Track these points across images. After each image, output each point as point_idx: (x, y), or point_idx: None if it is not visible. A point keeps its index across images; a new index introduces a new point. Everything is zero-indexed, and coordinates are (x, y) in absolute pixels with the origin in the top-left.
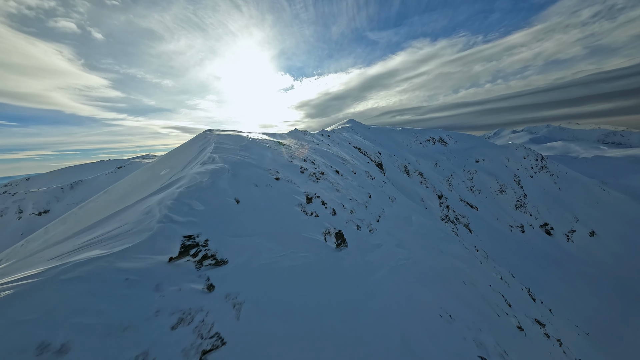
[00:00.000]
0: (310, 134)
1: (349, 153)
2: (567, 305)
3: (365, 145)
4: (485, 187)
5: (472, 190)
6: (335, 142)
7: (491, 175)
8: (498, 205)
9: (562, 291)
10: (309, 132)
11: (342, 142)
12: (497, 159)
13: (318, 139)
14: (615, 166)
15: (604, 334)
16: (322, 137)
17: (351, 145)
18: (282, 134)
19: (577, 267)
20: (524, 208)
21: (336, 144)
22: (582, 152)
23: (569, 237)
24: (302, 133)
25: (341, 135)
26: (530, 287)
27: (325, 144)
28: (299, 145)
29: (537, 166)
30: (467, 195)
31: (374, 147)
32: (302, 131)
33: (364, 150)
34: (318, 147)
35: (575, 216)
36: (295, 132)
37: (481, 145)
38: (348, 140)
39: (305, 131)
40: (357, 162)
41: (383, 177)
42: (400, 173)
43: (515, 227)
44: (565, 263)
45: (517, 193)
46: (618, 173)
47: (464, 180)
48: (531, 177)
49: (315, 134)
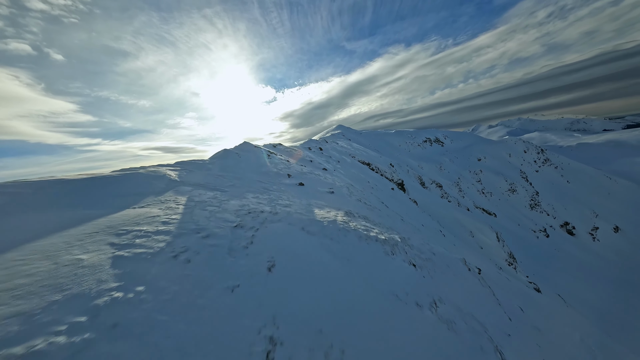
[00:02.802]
0: (293, 149)
1: (360, 176)
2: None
3: (371, 157)
4: (495, 188)
5: (484, 193)
6: (334, 158)
7: (498, 175)
8: (513, 207)
9: (610, 307)
10: (293, 148)
11: (342, 157)
12: (498, 156)
13: (309, 157)
14: (601, 152)
15: None
16: (313, 151)
17: (355, 159)
18: None
19: (611, 271)
20: (539, 207)
21: (335, 161)
22: (559, 141)
23: (593, 236)
24: (284, 151)
25: (336, 146)
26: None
27: (321, 166)
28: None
29: (540, 159)
30: (481, 200)
31: (380, 156)
32: (283, 148)
33: (375, 166)
34: (316, 176)
35: (593, 211)
36: (271, 147)
37: (478, 142)
38: (349, 152)
39: (291, 148)
40: (382, 197)
41: (416, 208)
42: (425, 191)
43: (539, 231)
44: (599, 269)
45: (529, 191)
46: (606, 159)
47: (473, 183)
48: (537, 172)
49: (302, 146)
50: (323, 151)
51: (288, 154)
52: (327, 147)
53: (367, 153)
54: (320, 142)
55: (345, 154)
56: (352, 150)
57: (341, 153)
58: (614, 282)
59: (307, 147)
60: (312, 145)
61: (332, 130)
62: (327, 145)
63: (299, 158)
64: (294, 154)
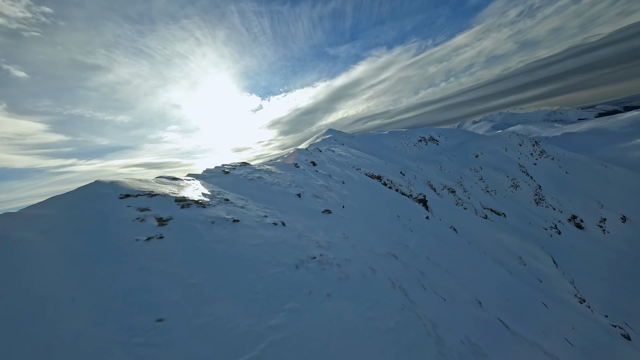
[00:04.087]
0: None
1: (381, 206)
2: None
3: (376, 165)
4: (498, 185)
5: (489, 191)
6: (335, 176)
7: (498, 170)
8: (519, 204)
9: None
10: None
11: (345, 171)
12: (495, 151)
13: (297, 183)
14: (586, 141)
15: None
16: (303, 169)
17: (362, 172)
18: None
19: (628, 265)
20: (544, 202)
21: (339, 181)
22: (542, 132)
23: (603, 228)
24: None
25: (332, 155)
26: None
27: (319, 203)
28: None
29: (536, 152)
30: (487, 200)
31: (385, 163)
32: (252, 169)
33: (388, 179)
34: (318, 246)
35: (597, 201)
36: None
37: (472, 138)
38: (351, 162)
39: (268, 168)
40: (423, 243)
41: (461, 243)
42: (440, 201)
43: (550, 228)
44: (614, 263)
45: (532, 186)
46: (591, 147)
47: (475, 182)
48: (535, 165)
49: (284, 165)
50: (317, 166)
51: (257, 187)
52: (322, 158)
53: (370, 161)
54: (313, 153)
55: (347, 166)
56: (352, 158)
57: (342, 166)
58: (630, 275)
59: (294, 163)
60: (302, 160)
61: (322, 135)
62: (322, 156)
63: (283, 184)
64: (271, 180)
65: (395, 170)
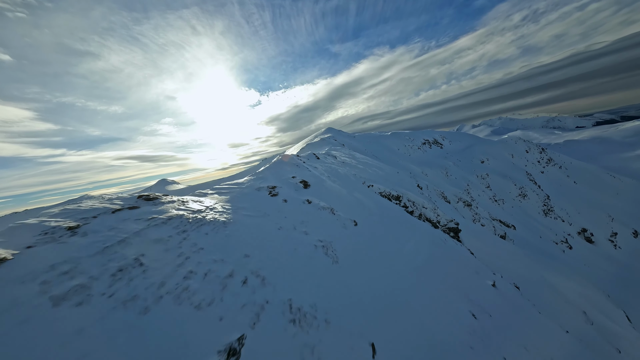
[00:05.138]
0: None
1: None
2: None
3: (388, 176)
4: (506, 194)
5: (496, 201)
6: (344, 204)
7: (505, 178)
8: (527, 215)
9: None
10: (218, 207)
11: (352, 194)
12: (501, 157)
13: (267, 228)
14: (588, 149)
15: None
16: (288, 202)
17: (375, 190)
18: None
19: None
20: (553, 213)
21: (349, 223)
22: (542, 138)
23: (614, 243)
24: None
25: (333, 163)
26: None
27: (309, 268)
28: None
29: (544, 159)
30: (495, 210)
31: (397, 172)
32: (180, 211)
33: (408, 199)
34: None
35: (608, 214)
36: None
37: (477, 142)
38: (359, 173)
39: (213, 204)
40: None
41: (524, 306)
42: (479, 231)
43: (561, 242)
44: (633, 283)
45: (540, 196)
46: (593, 156)
47: (483, 190)
48: (542, 173)
49: (253, 189)
50: (311, 188)
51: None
52: (319, 169)
53: (380, 170)
54: (307, 163)
55: (354, 182)
56: (359, 167)
57: (347, 182)
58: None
59: (270, 188)
60: (287, 179)
61: (321, 134)
62: (319, 166)
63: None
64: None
65: (411, 183)
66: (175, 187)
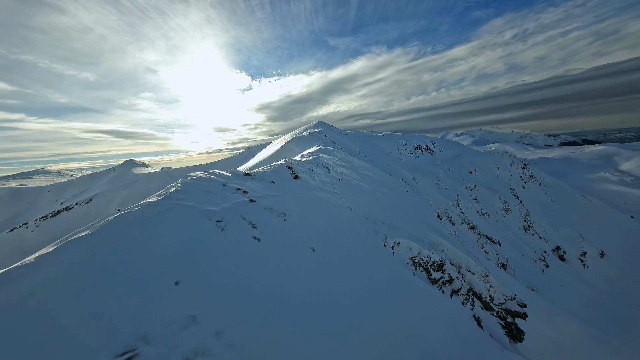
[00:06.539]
0: None
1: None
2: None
3: (401, 202)
4: (491, 207)
5: (483, 214)
6: None
7: (491, 191)
8: (509, 230)
9: None
10: None
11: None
12: (487, 169)
13: None
14: (559, 167)
15: None
16: None
17: (406, 257)
18: None
19: (604, 302)
20: (531, 229)
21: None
22: (517, 153)
23: (583, 263)
24: None
25: (322, 181)
26: None
27: None
28: None
29: (526, 175)
30: (482, 224)
31: (430, 203)
32: None
33: (451, 262)
34: None
35: (579, 233)
36: None
37: (466, 152)
38: (368, 201)
39: None
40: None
41: None
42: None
43: (539, 260)
44: (597, 302)
45: (522, 211)
46: (563, 174)
47: (471, 202)
48: (523, 188)
49: None
50: None
51: None
52: (315, 180)
53: (392, 193)
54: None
55: (369, 230)
56: (364, 188)
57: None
58: (607, 315)
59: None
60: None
61: (311, 127)
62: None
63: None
64: None
65: (429, 213)
66: (144, 170)
